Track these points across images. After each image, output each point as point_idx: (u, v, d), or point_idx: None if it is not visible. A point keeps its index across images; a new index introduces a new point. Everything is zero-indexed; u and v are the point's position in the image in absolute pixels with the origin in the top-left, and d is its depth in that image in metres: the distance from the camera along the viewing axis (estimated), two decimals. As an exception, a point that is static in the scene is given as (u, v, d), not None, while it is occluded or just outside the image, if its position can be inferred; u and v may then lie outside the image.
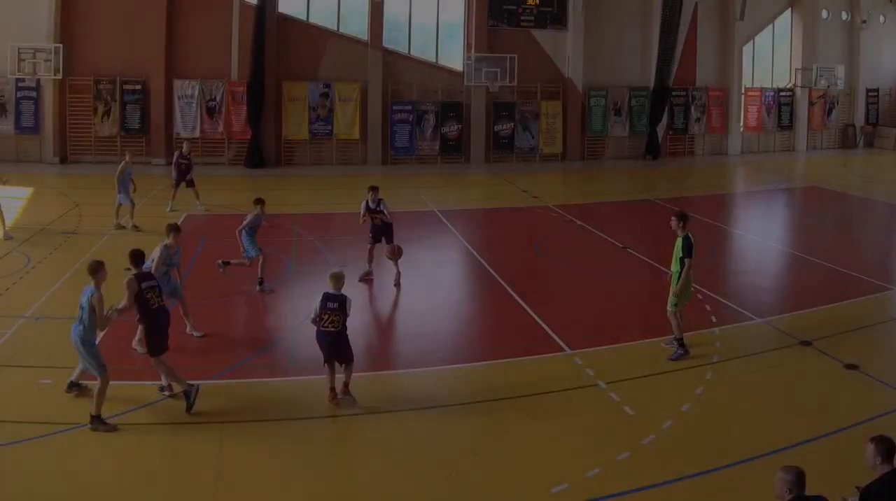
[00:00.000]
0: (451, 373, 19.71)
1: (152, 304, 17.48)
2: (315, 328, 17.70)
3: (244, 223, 25.98)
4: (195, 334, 21.42)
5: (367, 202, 27.25)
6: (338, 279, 17.79)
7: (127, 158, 34.28)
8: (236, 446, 15.59)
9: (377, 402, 17.86)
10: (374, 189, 27.50)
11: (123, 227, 33.33)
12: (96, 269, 16.70)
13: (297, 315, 23.50)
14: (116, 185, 33.15)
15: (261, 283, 26.08)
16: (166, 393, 17.88)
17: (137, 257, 18.18)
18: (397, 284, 26.81)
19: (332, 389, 17.52)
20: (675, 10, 60.60)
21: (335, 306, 17.47)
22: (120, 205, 33.56)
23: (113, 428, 16.29)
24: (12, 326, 21.45)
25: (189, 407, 17.06)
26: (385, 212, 27.30)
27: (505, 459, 15.27)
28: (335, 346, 17.65)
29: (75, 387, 17.65)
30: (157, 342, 17.61)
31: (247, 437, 16.06)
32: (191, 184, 38.16)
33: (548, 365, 20.02)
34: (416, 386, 19.03)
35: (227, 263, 26.13)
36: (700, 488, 14.18)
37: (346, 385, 17.68)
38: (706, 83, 65.08)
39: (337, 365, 17.76)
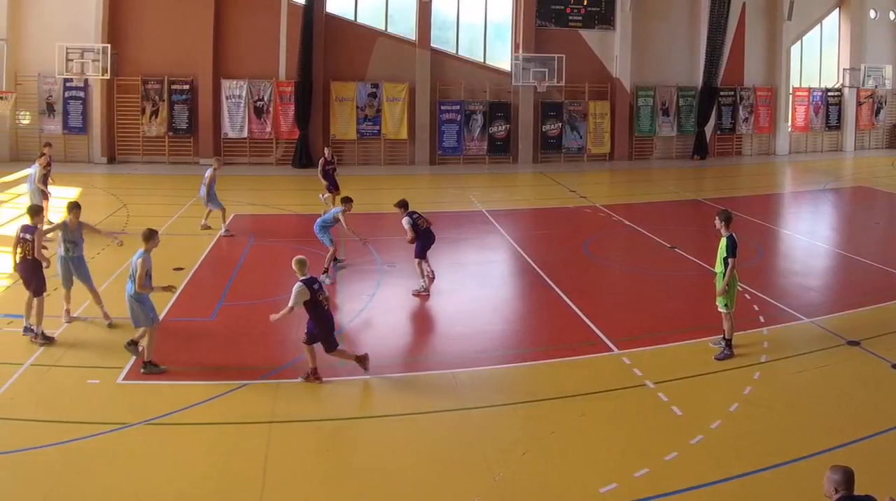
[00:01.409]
0: (499, 373, 19.16)
1: (24, 254, 20.17)
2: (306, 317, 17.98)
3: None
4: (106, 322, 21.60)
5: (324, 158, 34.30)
6: (304, 264, 18.00)
7: (215, 165, 32.76)
8: (284, 446, 15.19)
9: (424, 402, 17.43)
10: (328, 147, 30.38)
11: (209, 228, 32.45)
12: (149, 237, 18.72)
13: (344, 315, 23.01)
14: (207, 192, 31.94)
15: (325, 271, 26.31)
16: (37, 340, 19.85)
17: (32, 211, 20.84)
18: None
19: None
20: (723, 10, 58.81)
21: (318, 287, 17.85)
22: (210, 210, 32.68)
23: (163, 371, 18.25)
24: (61, 326, 21.05)
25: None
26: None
27: (553, 459, 14.79)
28: (331, 322, 18.31)
29: (132, 346, 18.90)
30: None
31: (294, 437, 15.66)
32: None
33: (595, 365, 19.48)
34: (463, 386, 18.31)
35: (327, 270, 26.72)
36: (749, 488, 13.79)
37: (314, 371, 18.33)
38: (754, 83, 62.95)
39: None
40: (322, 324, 17.75)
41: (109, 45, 49.65)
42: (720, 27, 59.29)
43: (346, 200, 27.00)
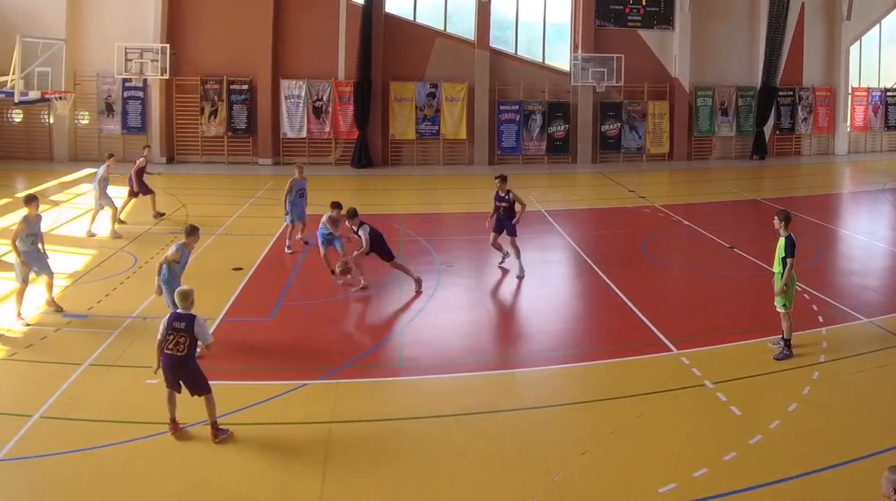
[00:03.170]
0: (558, 373, 18.85)
1: None
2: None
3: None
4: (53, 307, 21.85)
5: (497, 192, 26.56)
6: (185, 297, 15.27)
7: (296, 174, 29.78)
8: (343, 446, 14.96)
9: (484, 402, 17.01)
10: (501, 178, 26.74)
11: (307, 243, 30.10)
12: (189, 233, 19.40)
13: (403, 315, 22.84)
14: (285, 204, 29.43)
15: (333, 273, 25.31)
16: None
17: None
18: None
19: (173, 420, 15.09)
20: (782, 10, 55.80)
21: (182, 326, 14.91)
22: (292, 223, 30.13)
23: None
24: (119, 326, 20.82)
25: None
26: (511, 201, 26.31)
27: (611, 459, 14.55)
28: (176, 372, 14.96)
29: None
30: None
31: (354, 438, 15.39)
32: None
33: (654, 365, 19.08)
34: (522, 386, 17.99)
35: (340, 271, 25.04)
36: (808, 488, 13.51)
37: (214, 426, 15.13)
38: (813, 83, 59.95)
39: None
40: (163, 364, 15.05)
41: (168, 46, 48.31)
42: (779, 27, 56.33)
43: (335, 205, 25.70)
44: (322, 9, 51.34)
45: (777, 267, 19.39)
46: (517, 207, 26.46)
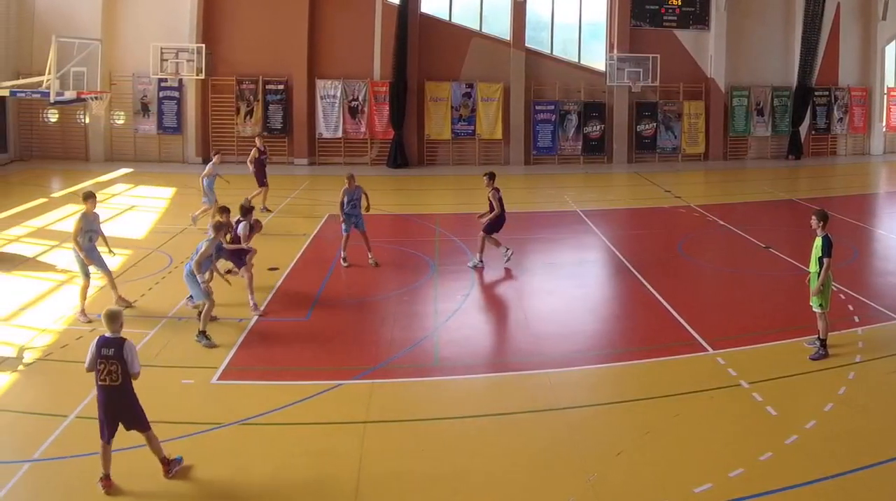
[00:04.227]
0: (593, 373, 18.74)
1: None
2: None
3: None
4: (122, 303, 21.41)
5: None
6: (113, 319, 13.22)
7: (346, 184, 27.84)
8: (378, 446, 14.87)
9: (519, 402, 16.86)
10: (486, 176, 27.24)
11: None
12: (218, 228, 20.03)
13: (439, 314, 22.42)
14: (341, 214, 27.33)
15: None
16: None
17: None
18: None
19: (107, 476, 13.09)
20: (817, 10, 53.95)
21: (110, 353, 12.99)
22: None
23: (214, 345, 19.05)
24: (154, 326, 20.73)
25: None
26: (492, 201, 26.41)
27: (647, 459, 14.34)
28: (113, 406, 13.09)
29: (202, 336, 19.28)
30: None
31: (389, 438, 15.31)
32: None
33: (690, 365, 18.88)
34: (557, 387, 17.75)
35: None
36: (844, 488, 13.26)
37: (163, 461, 13.51)
38: (848, 83, 58.13)
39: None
40: (98, 399, 13.26)
41: (204, 46, 47.37)
42: (814, 27, 54.49)
43: (222, 210, 22.56)
44: (357, 9, 50.24)
45: (813, 267, 19.10)
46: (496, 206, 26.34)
